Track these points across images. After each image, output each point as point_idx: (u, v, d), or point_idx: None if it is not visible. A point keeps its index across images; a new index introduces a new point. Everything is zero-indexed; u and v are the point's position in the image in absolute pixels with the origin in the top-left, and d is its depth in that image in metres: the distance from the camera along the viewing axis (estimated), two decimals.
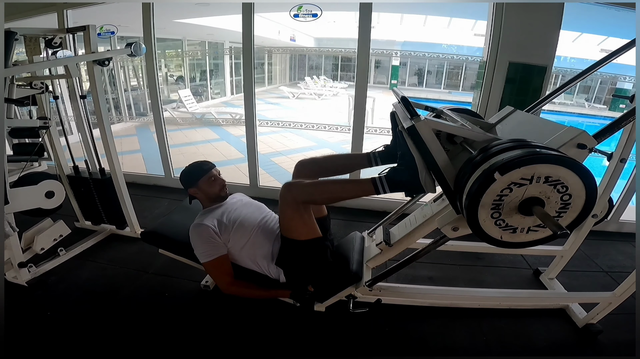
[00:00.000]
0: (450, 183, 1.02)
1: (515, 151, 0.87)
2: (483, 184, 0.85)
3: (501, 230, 0.94)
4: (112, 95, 6.91)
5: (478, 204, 0.87)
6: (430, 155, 1.03)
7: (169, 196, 3.02)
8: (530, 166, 0.82)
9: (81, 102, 2.17)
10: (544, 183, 0.84)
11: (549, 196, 0.87)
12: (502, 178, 0.83)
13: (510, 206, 0.88)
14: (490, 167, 0.86)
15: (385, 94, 12.83)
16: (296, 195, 1.31)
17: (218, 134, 6.22)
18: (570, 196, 0.87)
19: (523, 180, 0.84)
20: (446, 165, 1.03)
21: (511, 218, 0.91)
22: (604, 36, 8.78)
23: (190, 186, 1.60)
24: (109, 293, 1.81)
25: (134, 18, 2.82)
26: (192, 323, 1.62)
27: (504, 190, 0.85)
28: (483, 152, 0.95)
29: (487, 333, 1.60)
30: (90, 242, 2.24)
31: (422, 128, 1.01)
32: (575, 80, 1.50)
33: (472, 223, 0.91)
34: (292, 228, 1.38)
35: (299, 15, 2.65)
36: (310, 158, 1.62)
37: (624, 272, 1.95)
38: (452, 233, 1.08)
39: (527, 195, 0.87)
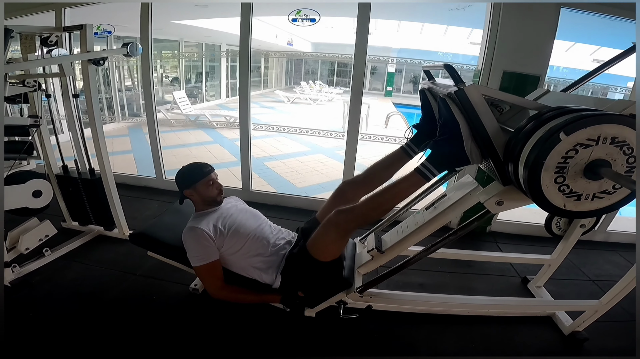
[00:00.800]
0: (499, 152, 0.99)
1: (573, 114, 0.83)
2: (547, 145, 0.81)
3: (565, 197, 0.88)
4: (105, 95, 6.86)
5: (541, 167, 0.83)
6: (479, 121, 0.98)
7: (160, 198, 2.99)
8: (597, 126, 0.79)
9: (73, 101, 2.14)
10: (610, 144, 0.81)
11: (615, 159, 0.83)
12: (568, 139, 0.79)
13: (576, 169, 0.84)
14: (554, 127, 0.81)
15: (380, 101, 12.97)
16: (351, 220, 1.30)
17: (212, 137, 6.19)
18: (635, 159, 0.84)
19: (589, 141, 0.80)
20: (496, 131, 0.98)
21: (576, 183, 0.86)
22: (597, 46, 8.95)
23: (186, 188, 1.56)
24: (95, 294, 1.78)
25: (131, 18, 2.80)
26: (180, 326, 1.60)
27: (569, 152, 0.81)
28: (534, 119, 0.91)
29: (476, 340, 1.61)
30: (77, 243, 2.20)
31: (471, 92, 0.97)
32: (569, 90, 1.52)
33: (533, 189, 0.86)
34: (327, 250, 1.38)
35: (297, 20, 2.66)
36: (354, 178, 1.60)
37: (610, 281, 1.97)
38: (496, 208, 1.04)
39: (593, 157, 0.83)
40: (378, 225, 1.81)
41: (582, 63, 8.77)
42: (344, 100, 8.95)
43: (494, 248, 2.50)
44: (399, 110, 9.97)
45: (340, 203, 1.43)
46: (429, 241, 1.37)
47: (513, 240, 2.63)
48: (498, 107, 1.30)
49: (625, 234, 2.72)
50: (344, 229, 1.31)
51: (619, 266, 2.37)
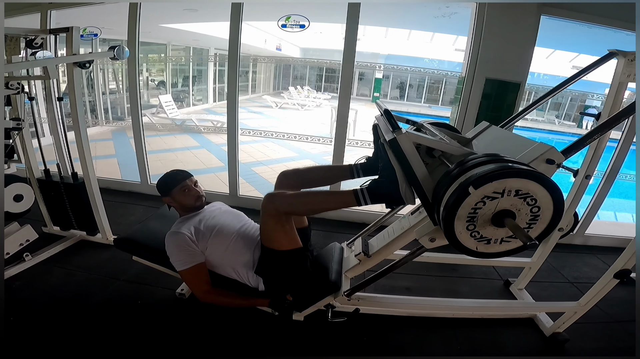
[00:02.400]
0: (428, 196, 1.05)
1: (488, 165, 0.92)
2: (459, 197, 0.88)
3: (476, 241, 0.97)
4: (88, 98, 6.72)
5: (454, 217, 0.91)
6: (410, 168, 1.05)
7: (145, 203, 2.95)
8: (502, 180, 0.86)
9: (57, 104, 2.10)
10: (514, 196, 0.88)
11: (519, 209, 0.91)
12: (476, 192, 0.87)
13: (484, 218, 0.92)
14: (465, 181, 0.89)
15: (368, 107, 13.08)
16: (278, 206, 1.32)
17: (198, 141, 6.13)
18: (539, 209, 0.91)
19: (495, 194, 0.87)
20: (425, 178, 1.06)
21: (485, 230, 0.95)
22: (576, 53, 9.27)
23: (164, 196, 1.59)
24: (78, 299, 1.74)
25: (118, 21, 2.77)
26: (166, 331, 1.58)
27: (477, 203, 0.89)
28: (460, 165, 0.99)
29: (461, 342, 1.64)
30: (58, 248, 2.15)
31: (403, 141, 1.04)
32: (547, 97, 1.59)
33: (449, 235, 0.94)
34: (273, 238, 1.38)
35: (286, 26, 2.68)
36: (292, 169, 1.63)
37: (589, 283, 2.04)
38: (429, 244, 1.11)
39: (499, 208, 0.90)
40: (365, 229, 1.84)
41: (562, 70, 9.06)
42: (331, 106, 9.01)
43: None
44: None
45: None
46: (414, 245, 1.39)
47: None
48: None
49: (602, 237, 2.82)
50: (275, 214, 1.32)
51: (596, 268, 2.45)
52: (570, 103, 12.84)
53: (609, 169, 2.59)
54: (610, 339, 1.73)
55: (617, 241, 2.80)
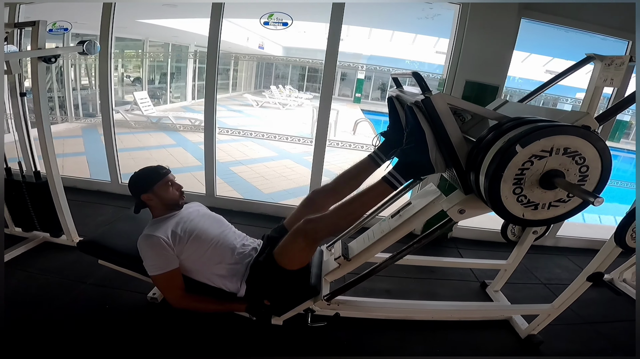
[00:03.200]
0: (462, 161, 1.00)
1: (529, 125, 0.87)
2: (505, 158, 0.84)
3: (523, 207, 0.92)
4: (58, 94, 6.41)
5: (500, 179, 0.86)
6: (444, 130, 1.00)
7: (115, 203, 2.81)
8: (550, 137, 0.82)
9: (20, 100, 1.98)
10: (563, 154, 0.85)
11: (568, 169, 0.87)
12: (523, 151, 0.83)
13: (532, 180, 0.87)
14: (510, 140, 0.84)
15: (349, 107, 13.17)
16: (320, 229, 1.28)
17: (174, 139, 5.96)
18: (588, 168, 0.88)
19: (543, 152, 0.84)
20: (460, 140, 1.00)
21: (533, 193, 0.90)
22: (550, 57, 9.63)
23: (143, 192, 1.46)
24: (39, 303, 1.64)
25: (91, 15, 2.65)
26: (137, 336, 1.50)
27: (525, 163, 0.85)
28: (495, 129, 0.94)
29: (440, 345, 1.65)
30: (19, 250, 2.02)
31: (437, 101, 0.98)
32: (526, 100, 1.60)
33: (494, 200, 0.89)
34: (295, 258, 1.35)
35: (269, 23, 2.63)
36: (323, 187, 1.60)
37: (560, 284, 2.10)
38: (458, 216, 1.07)
39: (547, 168, 0.86)
40: (344, 232, 1.81)
41: (536, 74, 9.38)
42: (313, 106, 9.00)
43: (455, 254, 2.59)
44: (367, 117, 10.17)
45: (310, 212, 1.41)
46: (394, 248, 1.38)
47: (472, 245, 2.73)
48: (460, 116, 1.34)
49: (573, 239, 2.92)
50: (312, 238, 1.30)
51: (568, 269, 2.53)
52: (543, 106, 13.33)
53: None
54: (584, 341, 1.77)
55: (587, 242, 2.90)
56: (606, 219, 4.68)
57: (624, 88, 2.19)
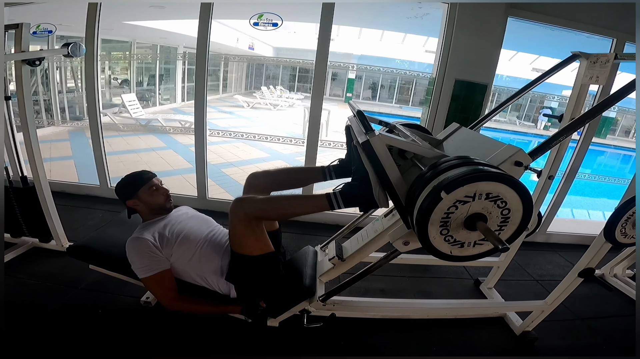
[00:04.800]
0: (402, 199, 1.03)
1: (460, 168, 0.91)
2: (432, 202, 0.88)
3: (450, 245, 0.96)
4: (44, 97, 6.28)
5: (428, 222, 0.90)
6: (383, 171, 1.03)
7: (104, 207, 2.76)
8: (473, 184, 0.86)
9: (5, 104, 1.93)
10: (485, 199, 0.88)
11: (490, 212, 0.91)
12: (448, 197, 0.86)
13: (457, 222, 0.91)
14: (437, 185, 0.88)
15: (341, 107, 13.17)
16: (248, 211, 1.26)
17: (164, 142, 5.88)
18: (510, 211, 0.92)
19: (467, 198, 0.87)
20: (398, 180, 1.04)
21: (458, 234, 0.94)
22: (537, 55, 9.78)
23: (129, 198, 1.46)
24: (30, 308, 1.61)
25: (76, 17, 2.60)
26: (132, 341, 1.48)
27: (450, 208, 0.88)
28: (432, 168, 0.98)
29: (436, 343, 1.65)
30: (8, 256, 1.98)
31: (376, 144, 1.01)
32: (515, 98, 1.62)
33: (423, 240, 0.93)
34: (243, 243, 1.31)
35: (259, 24, 2.61)
36: (263, 171, 1.57)
37: (552, 280, 2.13)
38: (403, 247, 1.10)
39: (471, 211, 0.90)
40: (338, 232, 1.81)
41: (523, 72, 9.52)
42: (304, 106, 8.98)
43: None
44: None
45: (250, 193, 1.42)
46: (388, 247, 1.37)
47: None
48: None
49: (563, 235, 2.96)
50: (245, 219, 1.27)
51: (559, 265, 2.56)
52: (530, 104, 13.54)
53: (569, 169, 2.72)
54: (577, 336, 1.79)
55: (577, 238, 2.94)
56: (595, 214, 4.77)
57: (609, 86, 2.22)
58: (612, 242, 1.37)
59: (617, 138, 11.81)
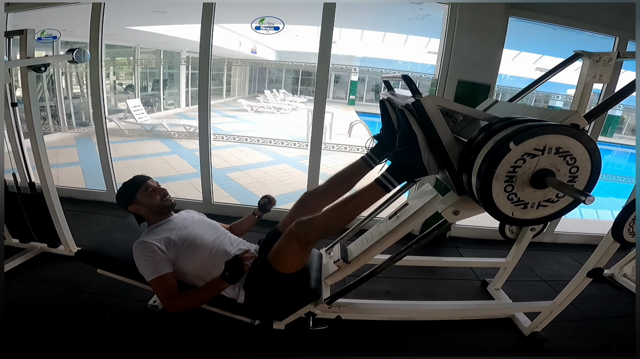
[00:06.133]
0: (454, 163, 1.01)
1: (519, 124, 0.87)
2: (498, 155, 0.84)
3: (513, 206, 0.92)
4: (50, 103, 6.36)
5: (492, 176, 0.86)
6: (435, 132, 1.00)
7: (111, 212, 2.78)
8: (543, 136, 0.83)
9: (12, 110, 1.96)
10: (554, 154, 0.85)
11: (558, 169, 0.88)
12: (517, 148, 0.83)
13: (523, 178, 0.88)
14: (504, 137, 0.84)
15: (344, 110, 13.20)
16: (311, 231, 1.27)
17: (169, 147, 5.92)
18: (578, 169, 0.88)
19: (536, 151, 0.84)
20: (451, 142, 1.01)
21: (523, 192, 0.90)
22: (539, 55, 9.72)
23: (129, 204, 1.48)
24: (39, 313, 1.62)
25: (80, 23, 2.63)
26: (140, 344, 1.49)
27: (517, 161, 0.85)
28: (486, 129, 0.94)
29: (443, 345, 1.64)
30: (17, 261, 2.00)
31: (427, 104, 0.99)
32: (518, 97, 1.61)
33: (485, 198, 0.89)
34: (289, 261, 1.34)
35: (260, 28, 2.62)
36: (315, 189, 1.60)
37: (561, 281, 2.10)
38: (452, 217, 1.07)
39: (539, 167, 0.86)
40: (343, 235, 1.81)
41: (526, 72, 9.46)
42: (307, 109, 9.00)
43: (454, 253, 2.58)
44: (362, 118, 10.20)
45: (302, 214, 1.40)
46: (393, 249, 1.38)
47: (471, 244, 2.73)
48: (452, 117, 1.34)
49: (571, 235, 2.93)
50: (305, 240, 1.29)
51: (567, 266, 2.53)
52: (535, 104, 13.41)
53: None
54: (587, 337, 1.77)
55: (585, 238, 2.91)
56: (603, 214, 4.71)
57: (613, 84, 2.21)
58: (620, 241, 1.35)
59: (624, 137, 11.68)
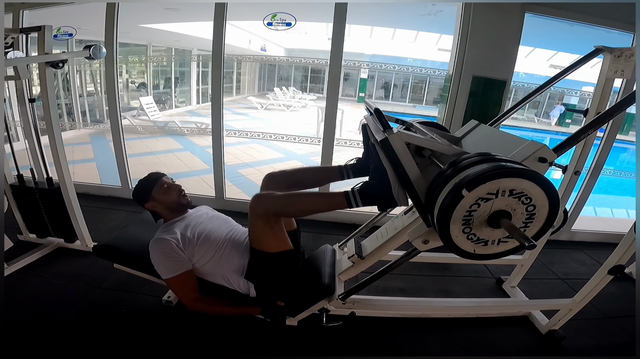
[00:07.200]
0: (421, 197, 1.02)
1: (481, 165, 0.89)
2: (453, 201, 0.86)
3: (473, 244, 0.94)
4: (65, 101, 6.48)
5: (449, 221, 0.88)
6: (402, 169, 1.02)
7: (126, 208, 2.83)
8: (495, 181, 0.83)
9: (29, 106, 2.00)
10: (509, 196, 0.86)
11: (514, 209, 0.88)
12: (470, 194, 0.84)
13: (480, 220, 0.89)
14: (458, 183, 0.87)
15: (353, 107, 13.13)
16: (267, 207, 1.27)
17: (182, 144, 5.99)
18: (535, 207, 0.89)
19: (489, 195, 0.85)
20: (418, 178, 1.03)
21: (482, 232, 0.92)
22: (555, 51, 9.51)
23: (146, 201, 1.50)
24: (57, 308, 1.66)
25: (94, 21, 2.67)
26: (154, 339, 1.51)
27: (472, 206, 0.86)
28: (453, 165, 0.96)
29: (458, 343, 1.62)
30: (34, 256, 2.05)
31: (395, 141, 1.00)
32: (535, 94, 1.58)
33: (445, 239, 0.92)
34: (262, 240, 1.32)
35: (272, 24, 2.63)
36: (279, 171, 1.57)
37: (578, 279, 2.07)
38: (422, 246, 1.08)
39: (494, 209, 0.88)
40: (357, 231, 1.80)
41: (540, 69, 9.27)
42: (317, 107, 8.99)
43: None
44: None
45: None
46: (409, 245, 1.36)
47: None
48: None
49: (588, 233, 2.87)
50: (263, 214, 1.27)
51: (584, 264, 2.48)
52: (549, 101, 13.14)
53: (593, 165, 2.63)
54: (606, 336, 1.73)
55: (603, 236, 2.84)
56: (619, 212, 4.61)
57: (634, 80, 2.15)
58: None
59: None
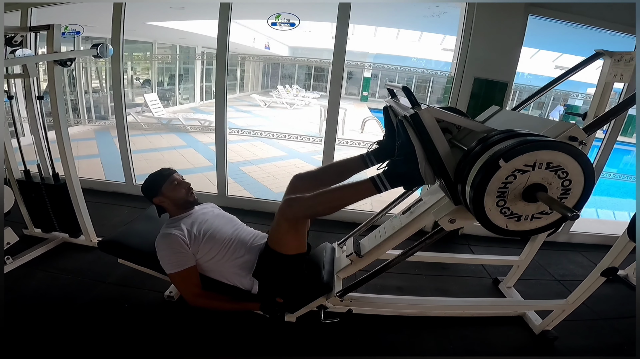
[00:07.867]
0: (450, 174, 1.02)
1: (515, 139, 0.88)
2: (489, 171, 0.85)
3: (506, 219, 0.94)
4: (70, 97, 6.54)
5: (484, 192, 0.87)
6: (432, 144, 1.02)
7: (130, 204, 2.87)
8: (533, 152, 0.83)
9: (37, 103, 2.04)
10: (545, 169, 0.86)
11: (550, 182, 0.88)
12: (507, 165, 0.84)
13: (515, 193, 0.89)
14: (494, 155, 0.86)
15: (357, 106, 13.13)
16: (297, 212, 1.30)
17: (185, 141, 6.02)
18: (571, 182, 0.89)
19: (526, 167, 0.85)
20: (447, 154, 1.02)
21: (515, 206, 0.92)
22: (559, 53, 9.47)
23: (155, 196, 1.53)
24: (62, 303, 1.69)
25: (101, 19, 2.71)
26: (156, 334, 1.55)
27: (508, 177, 0.86)
28: (482, 142, 0.95)
29: (453, 341, 1.65)
30: (40, 250, 2.08)
31: (425, 116, 1.00)
32: (537, 95, 1.59)
33: (478, 212, 0.91)
34: (282, 241, 1.36)
35: (276, 24, 2.66)
36: (307, 173, 1.59)
37: (574, 280, 2.08)
38: (449, 226, 1.08)
39: (530, 182, 0.88)
40: (356, 229, 1.83)
41: (546, 70, 9.23)
42: (320, 105, 9.00)
43: (466, 250, 2.58)
44: (374, 115, 10.13)
45: None
46: (406, 244, 1.39)
47: (483, 241, 2.71)
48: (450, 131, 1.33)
49: (587, 235, 2.88)
50: (293, 218, 1.31)
51: (582, 266, 2.50)
52: (553, 102, 13.04)
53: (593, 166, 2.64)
54: (599, 336, 1.76)
55: (601, 238, 2.86)
56: (620, 215, 4.60)
57: (634, 84, 2.16)
58: (635, 241, 1.34)
59: None
